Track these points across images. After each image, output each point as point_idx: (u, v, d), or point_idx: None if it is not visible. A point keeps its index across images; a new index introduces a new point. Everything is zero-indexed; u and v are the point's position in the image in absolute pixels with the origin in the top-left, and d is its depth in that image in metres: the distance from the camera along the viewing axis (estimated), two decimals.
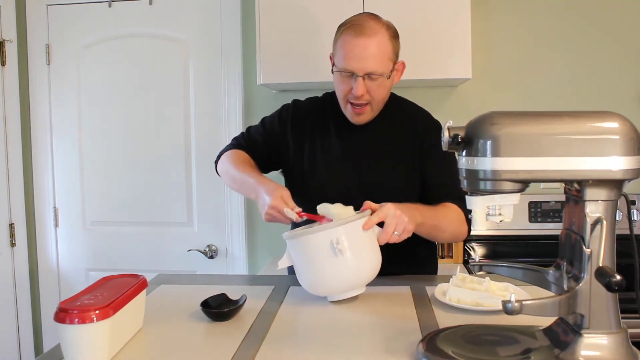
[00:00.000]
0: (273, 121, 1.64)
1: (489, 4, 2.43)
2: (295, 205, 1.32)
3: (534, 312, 0.86)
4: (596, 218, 0.87)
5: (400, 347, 0.99)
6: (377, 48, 1.42)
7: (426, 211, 1.38)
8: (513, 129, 0.86)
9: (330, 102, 1.62)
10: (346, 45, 1.44)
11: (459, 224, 1.48)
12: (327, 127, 1.59)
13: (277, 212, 1.32)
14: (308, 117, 1.61)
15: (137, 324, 1.10)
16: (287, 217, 1.30)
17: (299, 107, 1.64)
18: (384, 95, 1.51)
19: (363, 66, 1.42)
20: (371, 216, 1.24)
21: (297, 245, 1.24)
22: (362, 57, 1.41)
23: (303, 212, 1.32)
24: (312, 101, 1.66)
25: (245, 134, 1.67)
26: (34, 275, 2.68)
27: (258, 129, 1.65)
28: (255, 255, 2.61)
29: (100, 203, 2.63)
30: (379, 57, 1.43)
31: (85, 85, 2.60)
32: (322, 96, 1.67)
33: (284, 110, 1.65)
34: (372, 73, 1.42)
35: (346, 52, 1.44)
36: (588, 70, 2.42)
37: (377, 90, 1.46)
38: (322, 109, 1.63)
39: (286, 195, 1.33)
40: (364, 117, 1.51)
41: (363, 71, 1.42)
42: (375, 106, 1.50)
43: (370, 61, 1.42)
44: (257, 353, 0.99)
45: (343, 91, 1.48)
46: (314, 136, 1.58)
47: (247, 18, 2.49)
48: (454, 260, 2.32)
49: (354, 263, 1.21)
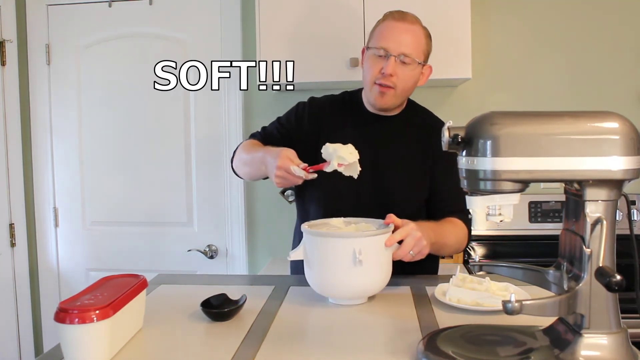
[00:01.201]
0: (289, 117, 1.66)
1: (489, 4, 2.43)
2: (300, 162, 1.33)
3: (534, 312, 0.86)
4: (596, 218, 0.87)
5: (400, 347, 0.99)
6: (414, 35, 1.50)
7: (438, 230, 1.41)
8: (513, 129, 0.86)
9: (349, 100, 1.66)
10: (386, 27, 1.51)
11: (463, 238, 1.53)
12: (344, 121, 1.61)
13: (285, 172, 1.32)
14: (325, 111, 1.63)
15: (137, 324, 1.10)
16: (296, 175, 1.30)
17: (316, 101, 1.67)
18: (409, 86, 1.54)
19: (398, 46, 1.47)
20: (394, 234, 1.25)
21: (317, 243, 1.24)
22: (399, 37, 1.48)
23: (309, 167, 1.32)
24: (330, 97, 1.69)
25: (261, 131, 1.69)
26: (34, 275, 2.68)
27: (274, 125, 1.67)
28: (255, 255, 2.61)
29: (100, 203, 2.63)
30: (414, 43, 1.49)
31: (85, 85, 2.60)
32: (341, 94, 1.70)
33: (300, 106, 1.67)
34: (406, 55, 1.47)
35: (384, 33, 1.50)
36: (588, 70, 2.42)
37: (404, 77, 1.50)
38: (340, 104, 1.65)
39: (292, 154, 1.34)
40: (387, 99, 1.52)
41: (397, 51, 1.47)
42: (399, 92, 1.52)
43: (406, 44, 1.48)
44: (257, 353, 0.99)
45: (373, 72, 1.51)
46: (330, 129, 1.59)
47: (247, 18, 2.49)
48: (454, 260, 2.32)
49: (369, 275, 1.22)
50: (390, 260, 1.26)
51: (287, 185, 1.39)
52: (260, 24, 2.19)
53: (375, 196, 1.52)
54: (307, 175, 1.32)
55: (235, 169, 1.65)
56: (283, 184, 1.36)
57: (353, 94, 1.68)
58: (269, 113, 1.68)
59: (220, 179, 2.56)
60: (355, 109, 1.62)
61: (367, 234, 1.22)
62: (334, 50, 2.15)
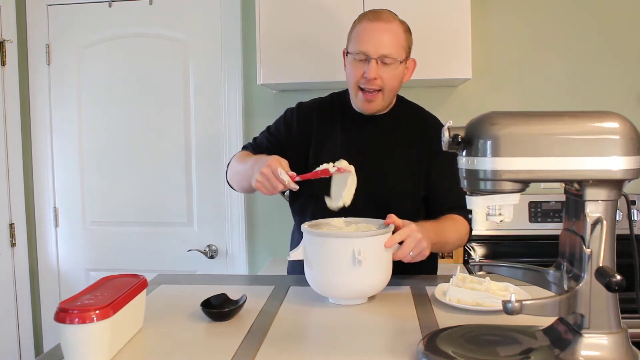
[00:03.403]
0: (279, 126, 1.64)
1: (489, 4, 2.43)
2: (289, 170, 1.31)
3: (534, 312, 0.86)
4: (596, 218, 0.87)
5: (400, 347, 0.99)
6: (392, 34, 1.46)
7: (438, 229, 1.40)
8: (513, 129, 0.86)
9: (337, 101, 1.63)
10: (362, 30, 1.48)
11: (464, 234, 1.52)
12: (333, 123, 1.59)
13: (270, 172, 1.29)
14: (313, 115, 1.61)
15: (137, 324, 1.10)
16: (279, 178, 1.28)
17: (304, 107, 1.65)
18: (395, 85, 1.51)
19: (377, 48, 1.44)
20: (394, 235, 1.25)
21: (317, 243, 1.24)
22: (377, 39, 1.45)
23: (297, 177, 1.31)
24: (317, 100, 1.67)
25: (252, 142, 1.68)
26: (34, 275, 2.68)
27: (264, 135, 1.66)
28: (255, 255, 2.61)
29: (100, 203, 2.63)
30: (393, 42, 1.46)
31: (85, 85, 2.60)
32: (328, 96, 1.68)
33: (288, 113, 1.65)
34: (386, 56, 1.45)
35: (362, 36, 1.47)
36: (588, 70, 2.42)
37: (389, 77, 1.47)
38: (328, 106, 1.63)
39: (284, 161, 1.32)
40: (375, 104, 1.50)
41: (377, 53, 1.44)
42: (386, 94, 1.50)
43: (385, 44, 1.45)
44: (257, 353, 0.99)
45: (355, 77, 1.49)
46: (320, 132, 1.58)
47: (247, 18, 2.49)
48: (454, 260, 2.32)
49: (369, 275, 1.22)
50: (391, 260, 1.26)
51: (266, 191, 1.33)
52: (261, 24, 2.19)
53: (370, 199, 1.48)
54: (290, 183, 1.29)
55: (229, 181, 1.63)
56: (262, 186, 1.32)
57: (341, 95, 1.65)
58: (269, 113, 1.68)
59: (220, 179, 2.55)
60: (345, 111, 1.60)
61: (367, 234, 1.22)
62: (334, 51, 2.14)
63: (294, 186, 1.31)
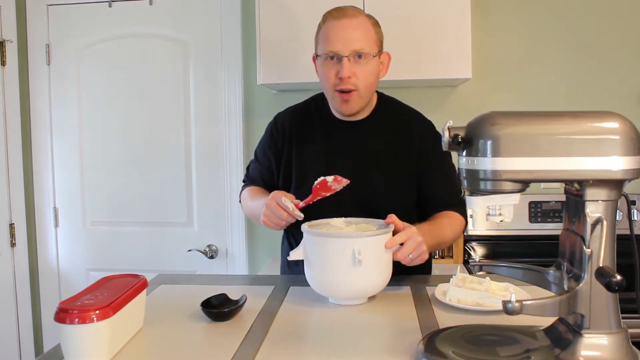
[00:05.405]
0: (265, 150, 1.62)
1: (489, 4, 2.43)
2: (293, 197, 1.33)
3: (534, 312, 0.85)
4: (596, 218, 0.87)
5: (400, 347, 0.99)
6: (361, 28, 1.42)
7: (435, 231, 1.40)
8: (513, 129, 0.86)
9: (314, 105, 1.59)
10: (329, 29, 1.43)
11: (459, 231, 1.51)
12: (312, 129, 1.55)
13: (274, 203, 1.31)
14: (291, 125, 1.58)
15: (137, 324, 1.10)
16: (283, 205, 1.30)
17: (280, 119, 1.61)
18: (371, 82, 1.46)
19: (348, 45, 1.40)
20: (395, 236, 1.25)
21: (317, 243, 1.24)
22: (346, 36, 1.40)
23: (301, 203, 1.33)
24: (293, 108, 1.63)
25: (247, 173, 1.70)
26: (34, 275, 2.68)
27: (255, 168, 1.66)
28: (255, 255, 2.61)
29: (100, 203, 2.63)
30: (363, 36, 1.41)
31: (85, 85, 2.61)
32: (305, 101, 1.64)
33: (268, 131, 1.63)
34: (358, 52, 1.40)
35: (329, 35, 1.42)
36: (588, 70, 2.42)
37: (364, 74, 1.42)
38: (306, 112, 1.59)
39: (290, 195, 1.35)
40: (352, 104, 1.45)
41: (348, 50, 1.40)
42: (362, 93, 1.44)
43: (355, 40, 1.40)
44: (257, 353, 0.99)
45: (329, 78, 1.43)
46: (301, 140, 1.55)
47: (247, 18, 2.49)
48: (454, 260, 2.32)
49: (369, 275, 1.22)
50: (391, 260, 1.26)
51: (272, 225, 1.36)
52: (261, 24, 2.19)
53: (358, 205, 1.44)
54: (294, 210, 1.31)
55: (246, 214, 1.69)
56: (268, 219, 1.35)
57: (318, 100, 1.59)
58: (269, 113, 1.67)
59: (220, 179, 2.56)
60: (324, 118, 1.55)
61: (367, 234, 1.22)
62: None
63: (298, 214, 1.32)
